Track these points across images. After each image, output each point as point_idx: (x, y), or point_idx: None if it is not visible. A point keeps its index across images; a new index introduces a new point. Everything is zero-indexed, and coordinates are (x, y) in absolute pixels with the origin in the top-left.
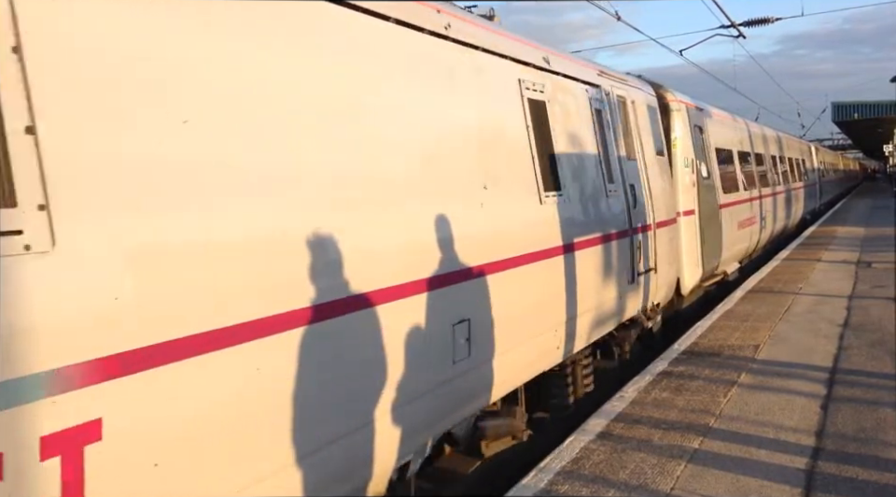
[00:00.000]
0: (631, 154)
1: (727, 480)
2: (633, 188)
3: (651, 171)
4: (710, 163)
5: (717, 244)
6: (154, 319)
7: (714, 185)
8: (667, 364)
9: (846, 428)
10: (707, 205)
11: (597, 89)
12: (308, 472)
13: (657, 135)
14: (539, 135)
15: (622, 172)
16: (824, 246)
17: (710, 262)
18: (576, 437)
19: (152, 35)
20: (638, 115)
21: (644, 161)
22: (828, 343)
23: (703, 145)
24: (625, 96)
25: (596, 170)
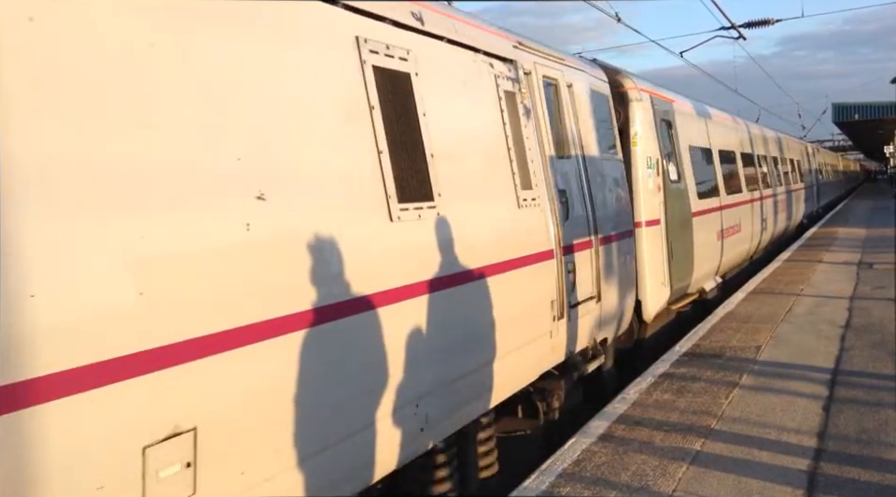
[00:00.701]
0: (564, 151)
1: (729, 482)
2: (564, 195)
3: (595, 173)
4: (682, 164)
5: (689, 258)
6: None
7: (686, 189)
8: (669, 366)
9: (847, 429)
10: (676, 213)
11: (510, 65)
12: None
13: (607, 130)
14: (396, 121)
15: (548, 175)
16: (825, 247)
17: (681, 280)
18: (577, 439)
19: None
20: (578, 103)
21: (585, 160)
22: (829, 344)
23: (672, 142)
24: (558, 78)
25: (501, 172)
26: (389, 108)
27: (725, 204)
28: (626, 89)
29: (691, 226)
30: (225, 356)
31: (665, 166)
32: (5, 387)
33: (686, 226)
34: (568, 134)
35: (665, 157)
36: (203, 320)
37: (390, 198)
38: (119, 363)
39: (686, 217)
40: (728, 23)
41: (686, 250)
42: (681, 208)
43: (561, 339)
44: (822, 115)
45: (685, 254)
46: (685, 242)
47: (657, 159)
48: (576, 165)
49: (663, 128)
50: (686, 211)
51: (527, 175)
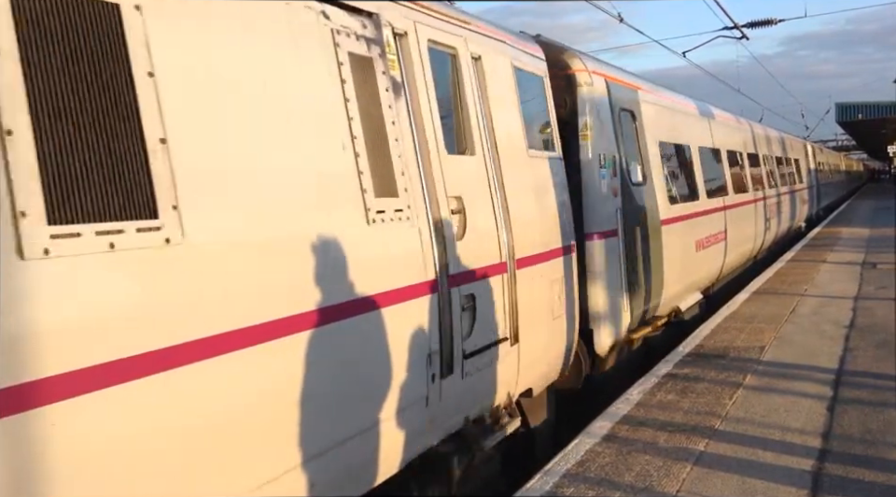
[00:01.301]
0: (465, 146)
1: (733, 482)
2: (461, 203)
3: (516, 175)
4: (649, 164)
5: (657, 274)
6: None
7: (654, 193)
8: (672, 366)
9: (852, 429)
10: (640, 222)
11: (365, 20)
12: None
13: (540, 120)
14: (81, 81)
15: (430, 177)
16: (829, 247)
17: (647, 301)
18: (581, 440)
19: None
20: (491, 83)
21: (498, 158)
22: (833, 344)
23: (637, 138)
24: (456, 47)
25: (334, 172)
26: (61, 59)
27: (705, 209)
28: (574, 71)
29: (660, 236)
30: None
31: (626, 166)
32: None
33: (653, 236)
34: (472, 124)
35: (626, 155)
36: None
37: (23, 218)
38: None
39: (653, 225)
40: (731, 23)
41: (653, 265)
42: (647, 216)
43: (446, 406)
44: (826, 115)
45: (651, 270)
46: (652, 255)
47: (614, 157)
48: (483, 165)
49: (624, 120)
50: (653, 219)
51: (389, 176)
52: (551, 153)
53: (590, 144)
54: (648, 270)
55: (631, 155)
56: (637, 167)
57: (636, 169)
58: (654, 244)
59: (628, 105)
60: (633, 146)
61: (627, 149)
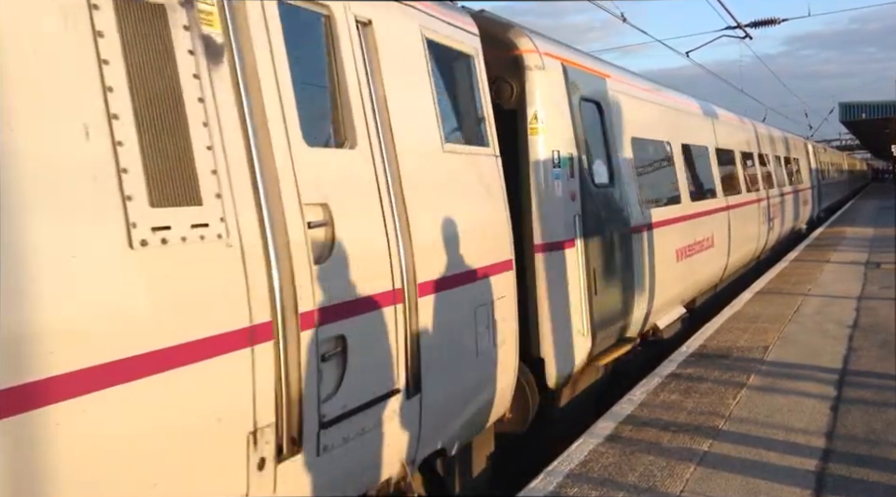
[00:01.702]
0: (343, 138)
1: (737, 482)
2: (328, 211)
3: (420, 175)
4: (618, 163)
5: (627, 289)
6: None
7: (625, 196)
8: (676, 366)
9: (855, 429)
10: (605, 230)
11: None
12: None
13: (466, 107)
14: None
15: (269, 177)
16: (833, 247)
17: (613, 320)
18: (584, 440)
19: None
20: (384, 56)
21: (395, 154)
22: (837, 344)
23: (604, 133)
24: (329, 8)
25: (68, 172)
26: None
27: (689, 213)
28: (521, 51)
29: (630, 245)
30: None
31: (588, 165)
32: None
33: (622, 246)
34: (353, 108)
35: (589, 153)
36: None
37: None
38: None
39: (622, 233)
40: (734, 23)
41: (622, 279)
42: (614, 222)
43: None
44: (829, 114)
45: (620, 284)
46: (620, 268)
47: (572, 155)
48: (369, 162)
49: (586, 112)
50: (622, 226)
51: (187, 177)
52: (481, 149)
53: (541, 139)
54: (615, 285)
55: (595, 153)
56: (602, 167)
57: (601, 169)
58: (623, 255)
59: (592, 94)
60: (598, 142)
61: (590, 146)
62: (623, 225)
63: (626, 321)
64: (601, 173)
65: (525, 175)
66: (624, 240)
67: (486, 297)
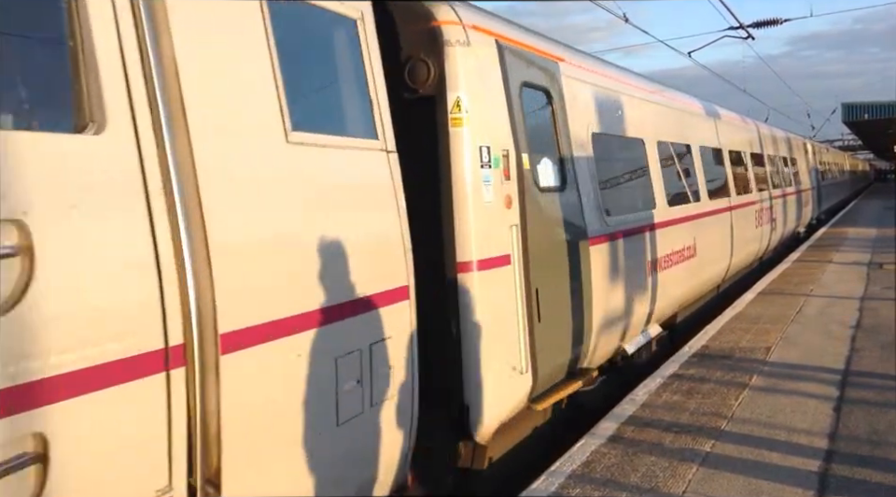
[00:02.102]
0: (92, 121)
1: (739, 483)
2: (24, 231)
3: (234, 177)
4: (573, 163)
5: (579, 313)
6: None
7: (580, 202)
8: (678, 367)
9: (858, 430)
10: (553, 241)
11: None
12: None
13: (340, 85)
14: None
15: None
16: (835, 247)
17: (562, 352)
18: (587, 441)
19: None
20: (175, 5)
21: (188, 142)
22: (840, 345)
23: (555, 126)
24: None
25: None
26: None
27: (665, 220)
28: (440, 23)
29: (587, 259)
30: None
31: (532, 165)
32: None
33: (576, 260)
34: (103, 74)
35: (532, 149)
36: None
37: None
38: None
39: (577, 245)
40: (737, 23)
41: (575, 300)
42: (566, 232)
43: None
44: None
45: (572, 307)
46: (573, 286)
47: (507, 151)
48: (127, 154)
49: (531, 101)
50: (576, 236)
51: None
52: (361, 142)
53: (465, 132)
54: (565, 308)
55: (542, 150)
56: (551, 167)
57: (549, 170)
58: (578, 271)
59: (539, 80)
60: (546, 138)
61: (535, 143)
62: (577, 236)
63: (581, 351)
64: (549, 174)
65: (445, 176)
66: (579, 253)
67: (359, 340)
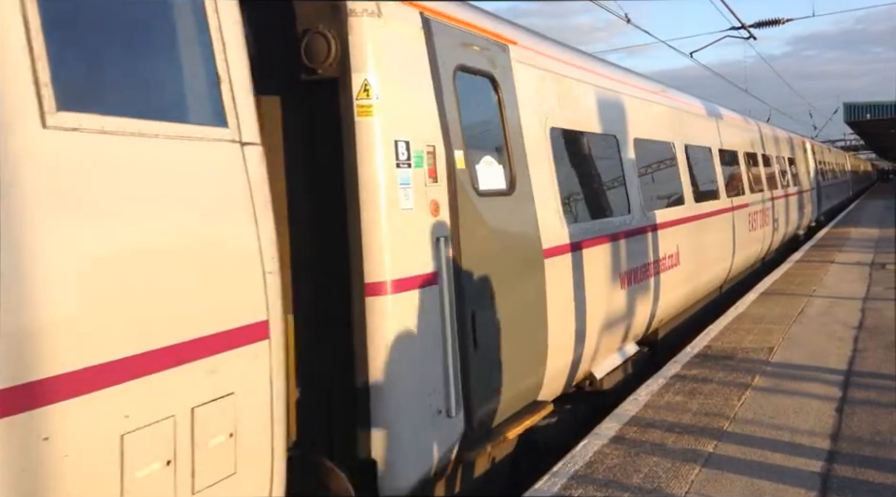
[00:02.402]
0: None
1: (742, 484)
2: None
3: None
4: (525, 161)
5: (535, 334)
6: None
7: (533, 208)
8: (680, 368)
9: (861, 431)
10: (495, 255)
11: None
12: None
13: (153, 57)
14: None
15: None
16: (837, 247)
17: (507, 385)
18: (589, 441)
19: None
20: None
21: None
22: (842, 345)
23: (502, 119)
24: None
25: None
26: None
27: (642, 226)
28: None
29: (540, 275)
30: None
31: (468, 164)
32: None
33: (527, 276)
34: None
35: (469, 145)
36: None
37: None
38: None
39: (527, 259)
40: (738, 23)
41: (524, 322)
42: (513, 244)
43: None
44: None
45: (522, 330)
46: (522, 306)
47: (435, 148)
48: None
49: (469, 89)
50: (526, 249)
51: None
52: (192, 130)
53: (376, 122)
54: (513, 332)
55: (484, 148)
56: (495, 168)
57: (492, 170)
58: (528, 288)
59: (481, 64)
60: (490, 133)
61: (474, 138)
62: (529, 248)
63: (534, 380)
64: (493, 176)
65: (351, 177)
66: (531, 267)
67: (169, 405)
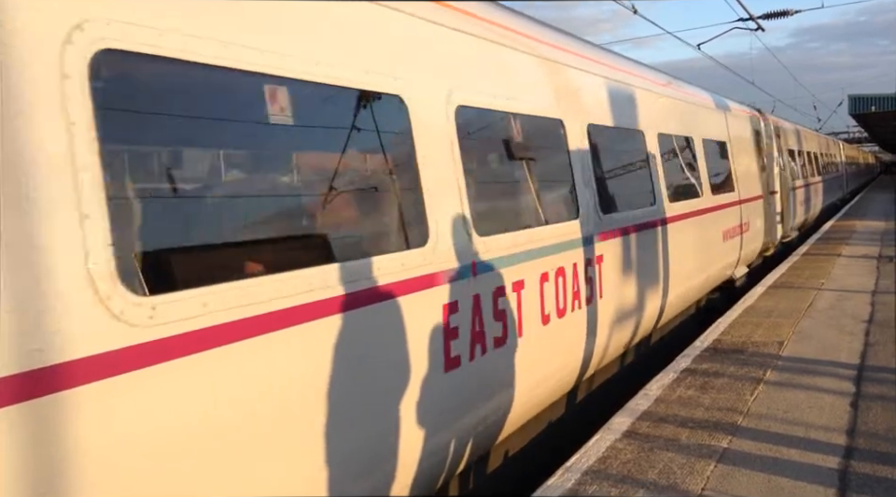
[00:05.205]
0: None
1: (759, 480)
2: None
3: None
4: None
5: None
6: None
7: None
8: (691, 361)
9: (877, 427)
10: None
11: None
12: None
13: None
14: None
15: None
16: (844, 240)
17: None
18: (602, 436)
19: None
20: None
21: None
22: (853, 339)
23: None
24: None
25: None
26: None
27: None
28: None
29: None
30: None
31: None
32: None
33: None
34: None
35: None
36: None
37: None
38: None
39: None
40: (746, 14)
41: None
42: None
43: None
44: (838, 107)
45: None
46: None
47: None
48: None
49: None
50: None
51: None
52: None
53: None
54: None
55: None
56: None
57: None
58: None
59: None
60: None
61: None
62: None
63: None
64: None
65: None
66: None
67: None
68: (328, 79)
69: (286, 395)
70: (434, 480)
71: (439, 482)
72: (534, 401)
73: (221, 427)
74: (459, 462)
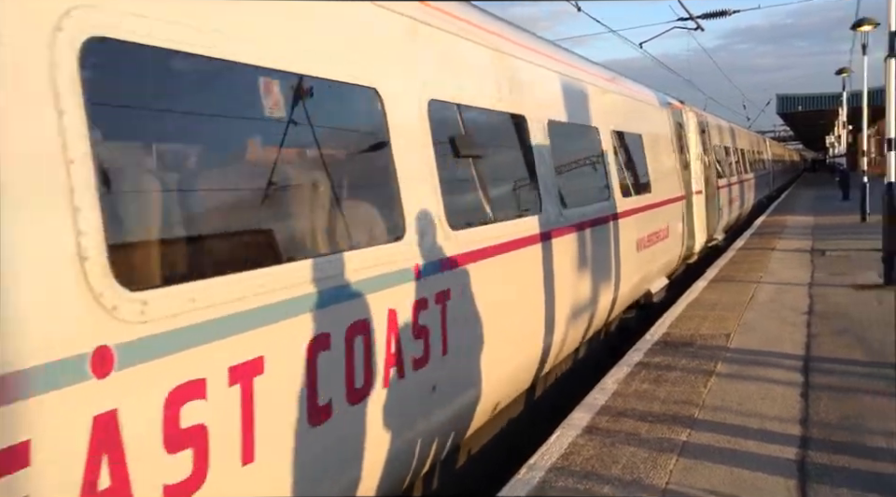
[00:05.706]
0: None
1: (721, 473)
2: None
3: None
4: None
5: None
6: None
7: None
8: (643, 355)
9: (829, 416)
10: None
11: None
12: None
13: None
14: None
15: None
16: (776, 235)
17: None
18: (562, 432)
19: None
20: None
21: None
22: (796, 331)
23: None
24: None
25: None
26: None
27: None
28: None
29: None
30: None
31: None
32: None
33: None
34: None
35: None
36: None
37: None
38: None
39: None
40: (686, 14)
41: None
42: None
43: None
44: (766, 106)
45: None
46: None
47: None
48: None
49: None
50: None
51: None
52: None
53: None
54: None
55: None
56: None
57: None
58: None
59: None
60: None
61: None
62: None
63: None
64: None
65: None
66: None
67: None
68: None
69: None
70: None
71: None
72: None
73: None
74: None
